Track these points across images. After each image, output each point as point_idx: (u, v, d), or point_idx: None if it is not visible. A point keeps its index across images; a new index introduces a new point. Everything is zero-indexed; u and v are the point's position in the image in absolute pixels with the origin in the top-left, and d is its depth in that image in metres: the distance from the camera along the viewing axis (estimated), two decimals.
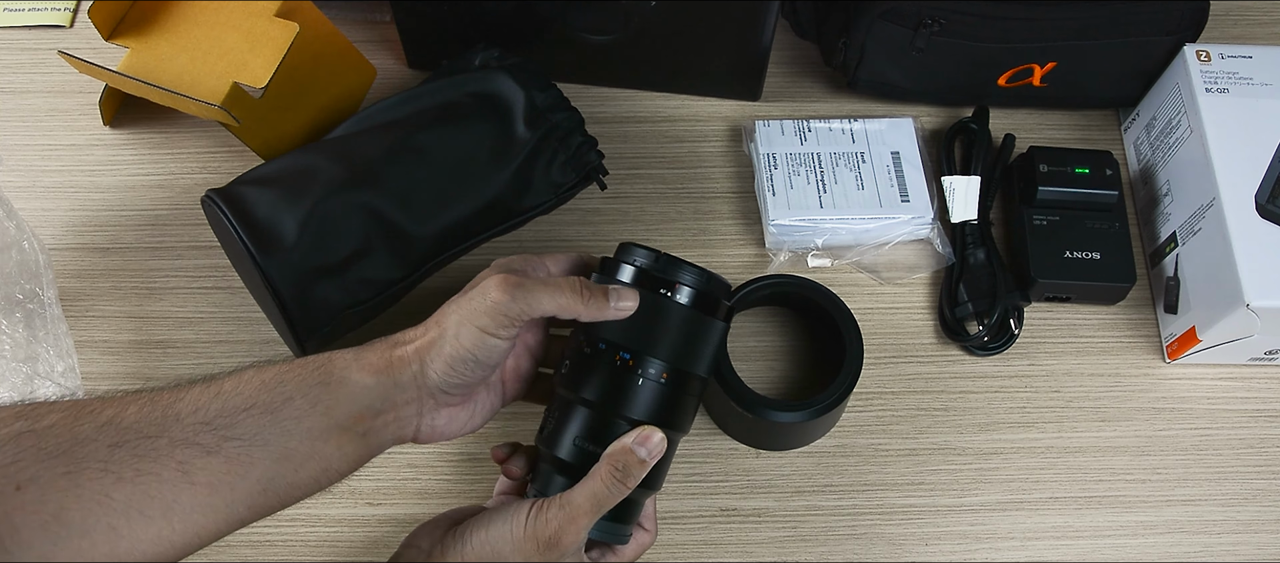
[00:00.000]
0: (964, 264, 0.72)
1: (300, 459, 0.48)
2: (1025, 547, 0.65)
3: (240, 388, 0.48)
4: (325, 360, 0.50)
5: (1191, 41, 0.73)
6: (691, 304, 0.54)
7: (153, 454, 0.45)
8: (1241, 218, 0.65)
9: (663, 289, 0.53)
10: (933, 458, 0.68)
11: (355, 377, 0.50)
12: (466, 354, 0.51)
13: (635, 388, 0.53)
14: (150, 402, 0.47)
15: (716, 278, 0.55)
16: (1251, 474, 0.68)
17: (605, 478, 0.51)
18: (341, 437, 0.50)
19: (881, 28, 0.72)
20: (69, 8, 0.84)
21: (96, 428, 0.45)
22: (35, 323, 0.66)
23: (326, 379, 0.50)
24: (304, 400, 0.49)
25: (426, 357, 0.51)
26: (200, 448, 0.46)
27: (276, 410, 0.48)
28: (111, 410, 0.46)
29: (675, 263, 0.54)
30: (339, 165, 0.64)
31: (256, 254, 0.60)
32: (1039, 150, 0.73)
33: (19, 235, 0.67)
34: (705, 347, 0.55)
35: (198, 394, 0.48)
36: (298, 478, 0.49)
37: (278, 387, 0.49)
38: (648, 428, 0.52)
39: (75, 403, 0.46)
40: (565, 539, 0.50)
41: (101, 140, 0.78)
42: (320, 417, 0.49)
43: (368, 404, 0.50)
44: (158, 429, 0.46)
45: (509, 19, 0.74)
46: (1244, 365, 0.71)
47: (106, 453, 0.44)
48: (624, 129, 0.79)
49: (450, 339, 0.51)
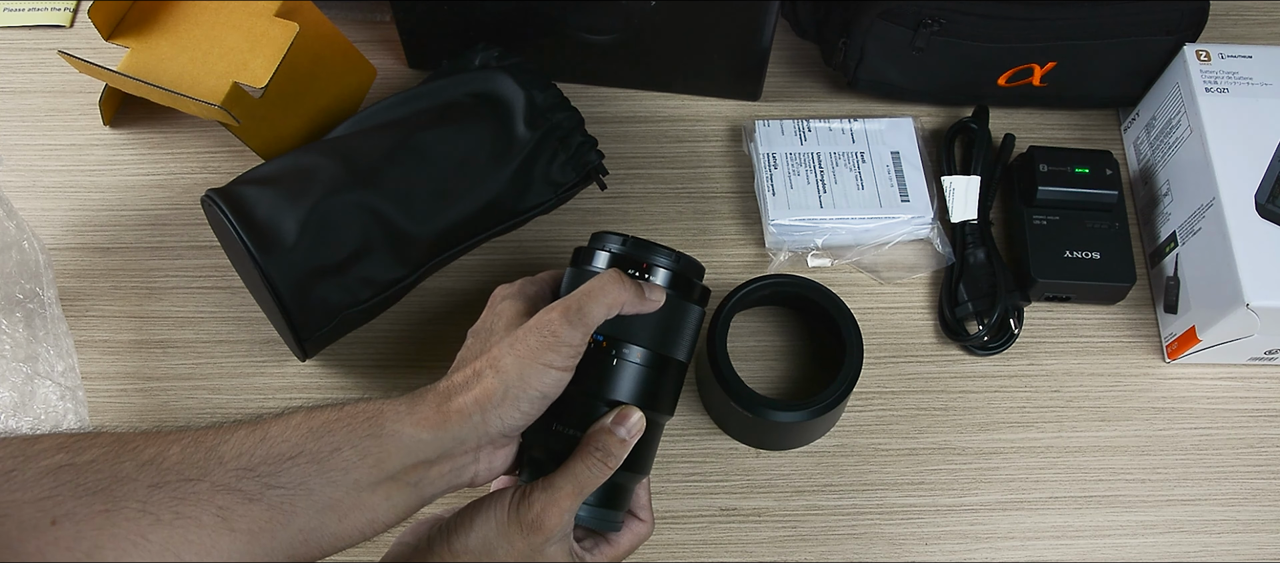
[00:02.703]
0: (964, 264, 0.72)
1: (345, 510, 0.47)
2: (1025, 547, 0.65)
3: (287, 433, 0.47)
4: (376, 412, 0.49)
5: (1191, 41, 0.73)
6: (666, 286, 0.54)
7: (193, 498, 0.44)
8: (1241, 218, 0.65)
9: (634, 271, 0.54)
10: (932, 458, 0.68)
11: (408, 430, 0.48)
12: (536, 394, 0.49)
13: (613, 370, 0.53)
14: (194, 442, 0.46)
15: (689, 259, 0.56)
16: (1251, 474, 0.68)
17: (585, 459, 0.51)
18: (391, 486, 0.48)
19: (881, 27, 0.72)
20: (69, 8, 0.84)
21: (137, 467, 0.44)
22: (35, 323, 0.67)
23: (377, 432, 0.48)
24: (353, 452, 0.47)
25: (487, 406, 0.49)
26: (242, 494, 0.45)
27: (323, 460, 0.46)
28: (154, 449, 0.45)
29: (647, 246, 0.55)
30: (339, 165, 0.64)
31: (256, 254, 0.60)
32: (1039, 150, 0.73)
33: (19, 235, 0.67)
34: (681, 328, 0.55)
35: (243, 437, 0.46)
36: (341, 529, 0.47)
37: (325, 435, 0.47)
38: (627, 408, 0.52)
39: (118, 438, 0.45)
40: (548, 522, 0.50)
41: (101, 140, 0.78)
42: (370, 469, 0.47)
43: (423, 456, 0.49)
44: (200, 472, 0.44)
45: (509, 19, 0.74)
46: (1244, 365, 0.71)
47: (145, 493, 0.43)
48: (624, 129, 0.79)
49: (516, 383, 0.49)
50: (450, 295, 0.72)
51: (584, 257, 0.56)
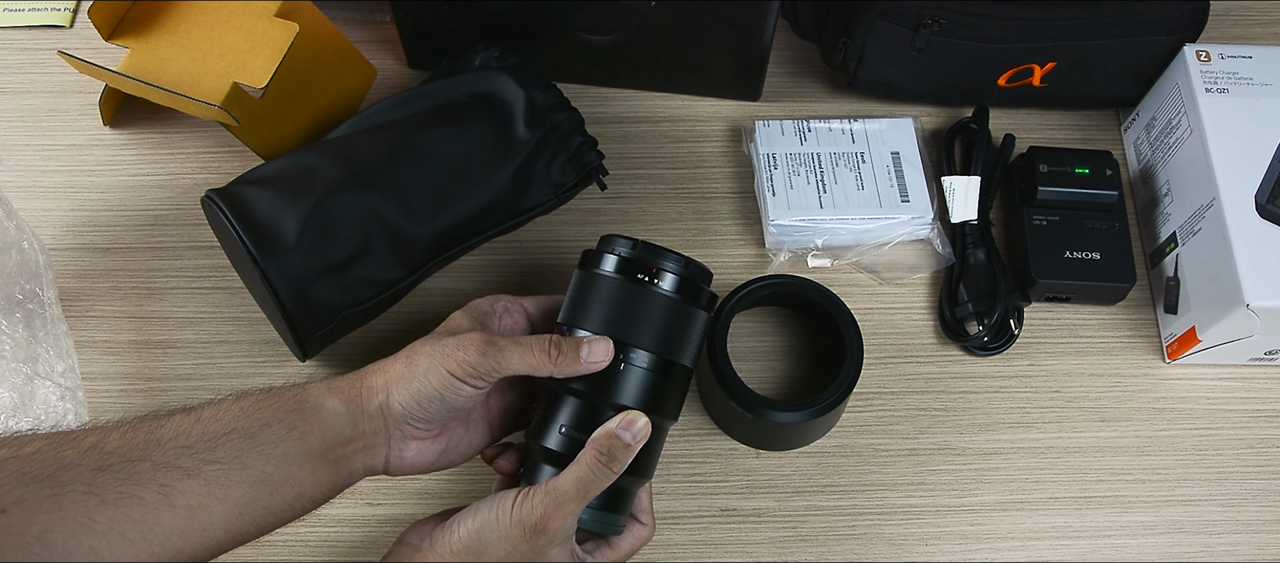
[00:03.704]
0: (964, 264, 0.72)
1: (276, 483, 0.50)
2: (1025, 547, 0.65)
3: (220, 414, 0.50)
4: (301, 389, 0.53)
5: (1191, 41, 0.73)
6: (674, 291, 0.55)
7: (135, 477, 0.46)
8: (1241, 218, 0.65)
9: (642, 275, 0.54)
10: (933, 458, 0.68)
11: (327, 403, 0.52)
12: (433, 393, 0.52)
13: (619, 374, 0.53)
14: (133, 429, 0.48)
15: (697, 265, 0.56)
16: (1251, 474, 0.68)
17: (590, 463, 0.51)
18: (315, 463, 0.51)
19: (881, 28, 0.72)
20: (69, 8, 0.84)
21: (80, 454, 0.46)
22: (35, 323, 0.67)
23: (301, 406, 0.52)
24: (280, 426, 0.50)
25: (392, 388, 0.53)
26: (181, 471, 0.47)
27: (254, 435, 0.50)
28: (94, 437, 0.47)
29: (656, 250, 0.55)
30: (339, 165, 0.64)
31: (256, 254, 0.60)
32: (1039, 150, 0.73)
33: (19, 235, 0.67)
34: (688, 333, 0.56)
35: (179, 421, 0.49)
36: (273, 502, 0.50)
37: (256, 413, 0.50)
38: (632, 412, 0.53)
39: (59, 432, 0.47)
40: (552, 525, 0.50)
41: (101, 140, 0.78)
42: (295, 442, 0.50)
43: (338, 431, 0.52)
44: (140, 453, 0.47)
45: (509, 19, 0.74)
46: (1244, 365, 0.71)
47: (90, 477, 0.45)
48: (624, 129, 0.79)
49: (419, 376, 0.52)
50: (450, 295, 0.72)
51: (592, 259, 0.56)
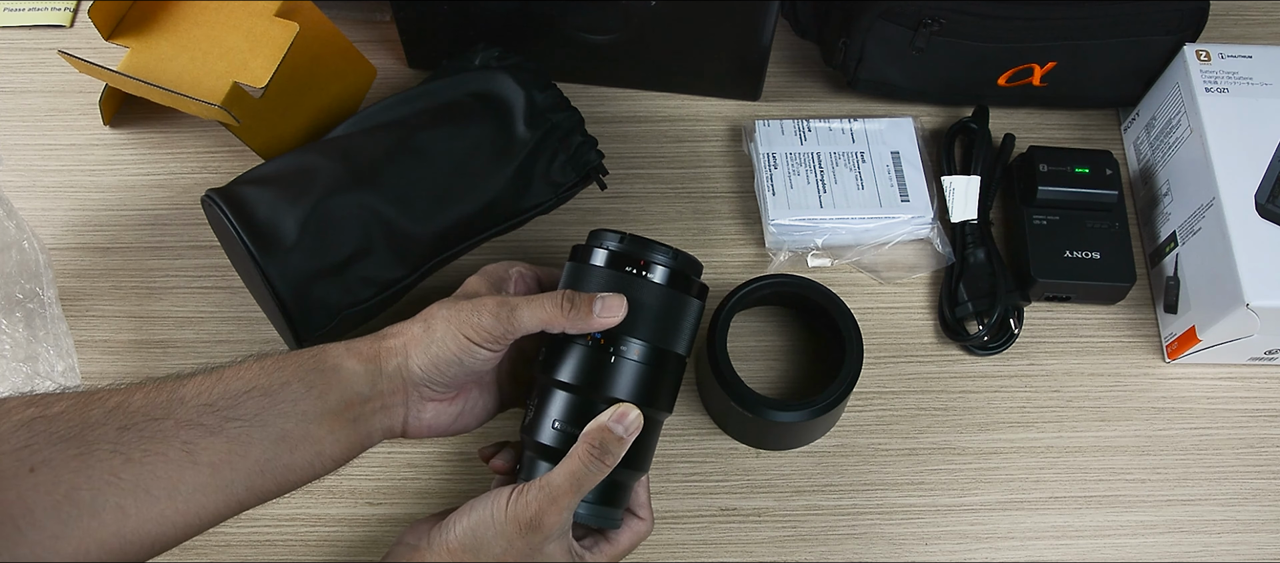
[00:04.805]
0: (964, 264, 0.72)
1: (295, 441, 0.50)
2: (1025, 547, 0.65)
3: (241, 374, 0.51)
4: (320, 349, 0.53)
5: (1191, 41, 0.73)
6: (664, 282, 0.54)
7: (159, 436, 0.47)
8: (1241, 218, 0.65)
9: (631, 268, 0.54)
10: (932, 458, 0.68)
11: (346, 363, 0.52)
12: (451, 357, 0.53)
13: (611, 367, 0.53)
14: (156, 388, 0.49)
15: (686, 256, 0.56)
16: (1251, 474, 0.68)
17: (583, 457, 0.51)
18: (334, 421, 0.51)
19: (881, 27, 0.72)
20: (69, 8, 0.84)
21: (105, 413, 0.47)
22: (35, 323, 0.67)
23: (320, 365, 0.52)
24: (300, 384, 0.51)
25: (411, 350, 0.53)
26: (204, 428, 0.48)
27: (274, 393, 0.50)
28: (118, 397, 0.48)
29: (644, 242, 0.55)
30: (339, 165, 0.64)
31: (257, 254, 0.60)
32: (1039, 150, 0.73)
33: (19, 235, 0.67)
34: (681, 323, 0.56)
35: (201, 380, 0.50)
36: (293, 460, 0.51)
37: (276, 372, 0.51)
38: (624, 405, 0.53)
39: (83, 392, 0.48)
40: (547, 521, 0.50)
41: (101, 140, 0.78)
42: (315, 400, 0.51)
43: (357, 390, 0.52)
44: (164, 412, 0.48)
45: (509, 19, 0.74)
46: (1244, 365, 0.71)
47: (115, 436, 0.46)
48: (624, 129, 0.79)
49: (438, 340, 0.53)
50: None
51: (582, 253, 0.56)
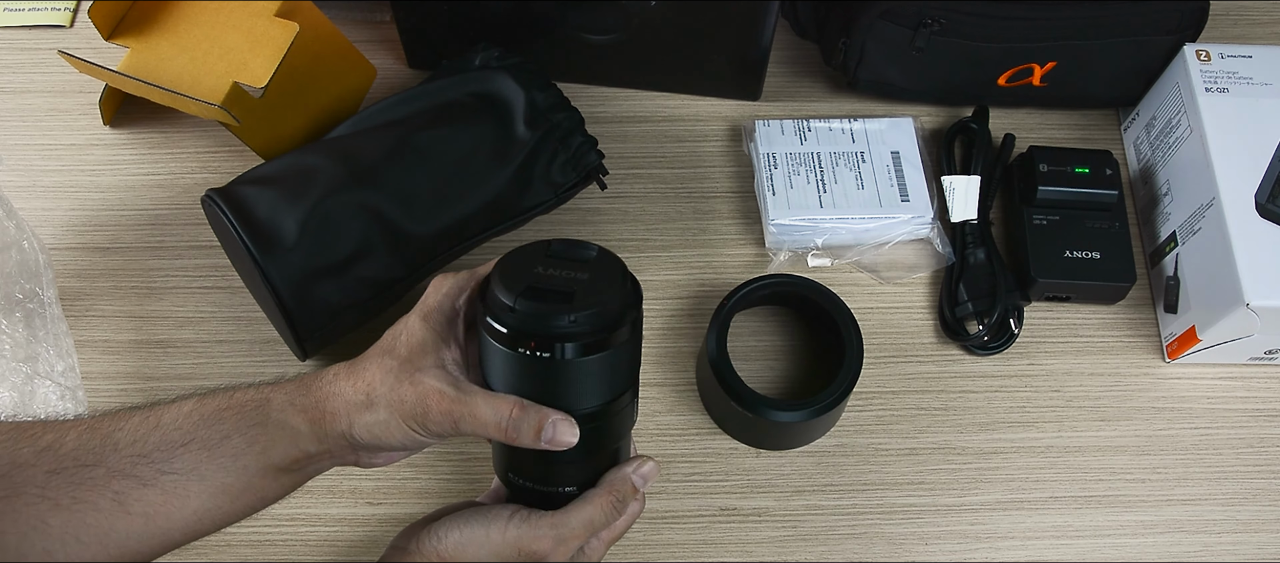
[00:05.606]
0: (964, 264, 0.72)
1: (236, 492, 0.49)
2: (1025, 547, 0.65)
3: (179, 421, 0.49)
4: (263, 400, 0.50)
5: (1191, 41, 0.73)
6: (580, 354, 0.46)
7: (89, 483, 0.46)
8: (1241, 218, 0.65)
9: (541, 352, 0.46)
10: (932, 458, 0.68)
11: (292, 421, 0.50)
12: (395, 439, 0.50)
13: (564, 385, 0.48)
14: (90, 429, 0.47)
15: (604, 304, 0.47)
16: (1251, 474, 0.68)
17: (604, 507, 0.50)
18: (278, 474, 0.50)
19: (881, 27, 0.72)
20: (69, 8, 0.84)
21: (35, 453, 0.45)
22: (35, 323, 0.67)
23: (264, 421, 0.49)
24: (241, 439, 0.49)
25: (353, 419, 0.49)
26: (136, 480, 0.47)
27: (214, 448, 0.48)
28: (51, 436, 0.46)
29: (543, 315, 0.46)
30: (339, 165, 0.64)
31: (257, 254, 0.60)
32: (1039, 150, 0.73)
33: (19, 235, 0.67)
34: (612, 374, 0.49)
35: (137, 424, 0.48)
36: (234, 508, 0.49)
37: (216, 423, 0.49)
38: (645, 458, 0.52)
39: (16, 426, 0.47)
40: (551, 558, 0.50)
41: (101, 140, 0.78)
42: (257, 455, 0.49)
43: (304, 449, 0.50)
44: (95, 459, 0.46)
45: (509, 19, 0.74)
46: (1244, 365, 0.71)
47: (44, 479, 0.45)
48: (624, 129, 0.79)
49: (381, 422, 0.49)
50: None
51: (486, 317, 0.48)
